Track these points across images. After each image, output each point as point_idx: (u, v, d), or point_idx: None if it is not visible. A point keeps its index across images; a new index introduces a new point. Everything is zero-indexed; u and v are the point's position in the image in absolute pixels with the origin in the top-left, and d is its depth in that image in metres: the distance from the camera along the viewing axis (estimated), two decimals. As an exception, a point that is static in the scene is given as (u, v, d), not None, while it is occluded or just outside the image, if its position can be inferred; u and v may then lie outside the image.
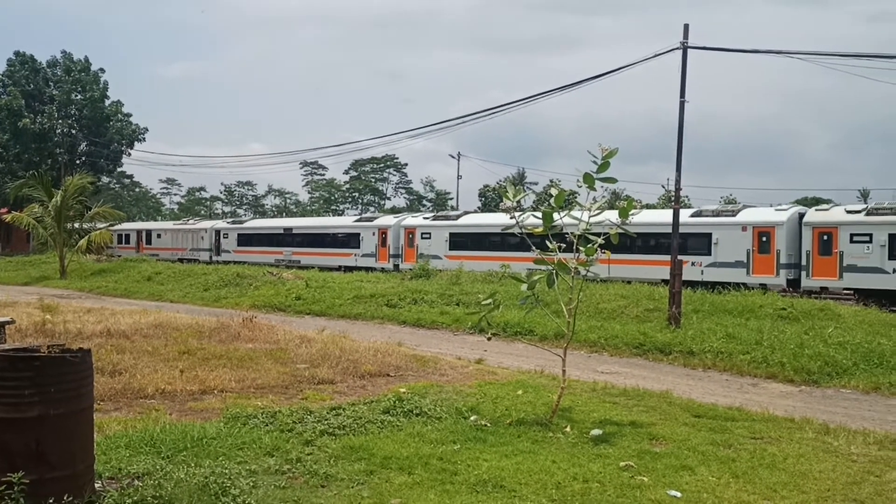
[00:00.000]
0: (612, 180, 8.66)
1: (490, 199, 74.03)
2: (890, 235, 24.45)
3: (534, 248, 8.92)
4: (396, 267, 38.41)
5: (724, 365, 13.26)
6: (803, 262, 26.41)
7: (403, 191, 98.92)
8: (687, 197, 63.86)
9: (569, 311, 8.98)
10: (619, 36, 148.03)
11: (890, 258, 24.43)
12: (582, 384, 10.77)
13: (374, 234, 40.51)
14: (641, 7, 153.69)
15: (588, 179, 8.48)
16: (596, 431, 7.74)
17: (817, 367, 12.47)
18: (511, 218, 8.85)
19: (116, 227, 49.48)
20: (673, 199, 19.56)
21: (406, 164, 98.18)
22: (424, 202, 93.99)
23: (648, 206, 42.35)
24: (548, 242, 8.62)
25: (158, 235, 56.67)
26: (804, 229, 26.52)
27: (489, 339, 9.74)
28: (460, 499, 5.72)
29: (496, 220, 37.90)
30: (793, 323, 16.36)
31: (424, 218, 40.71)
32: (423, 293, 22.53)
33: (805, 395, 11.23)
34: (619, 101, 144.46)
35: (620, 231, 8.67)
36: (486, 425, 7.96)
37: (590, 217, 8.59)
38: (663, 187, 65.12)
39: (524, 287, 8.63)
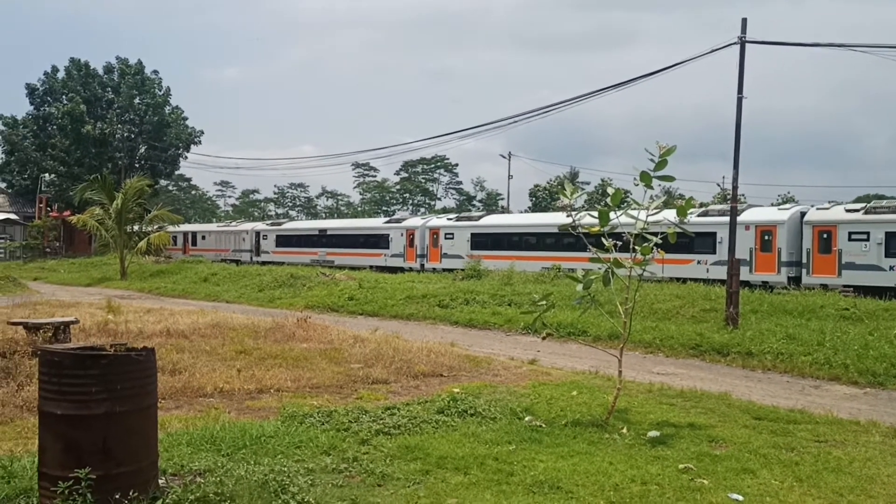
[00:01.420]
0: (669, 178, 8.53)
1: (541, 199, 73.61)
2: (887, 234, 25.10)
3: (590, 247, 8.84)
4: (422, 267, 39.48)
5: (784, 366, 12.95)
6: (804, 260, 26.93)
7: (454, 191, 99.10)
8: (743, 195, 62.57)
9: (625, 311, 8.87)
10: (668, 33, 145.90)
11: (886, 256, 25.04)
12: (637, 385, 10.62)
13: (402, 234, 41.58)
14: (690, 4, 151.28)
15: (645, 178, 8.36)
16: (653, 433, 7.63)
17: (883, 368, 12.09)
18: (567, 216, 8.77)
19: (164, 230, 50.81)
20: (729, 197, 19.19)
21: (456, 165, 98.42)
22: (475, 202, 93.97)
23: (703, 206, 41.81)
24: (604, 241, 8.52)
25: (203, 237, 58.25)
26: (805, 228, 27.09)
27: (544, 338, 9.69)
28: (517, 499, 5.69)
29: (515, 220, 40.64)
30: (856, 323, 15.90)
31: (448, 219, 41.78)
32: (475, 293, 22.50)
33: (870, 398, 10.90)
34: (670, 98, 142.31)
35: (679, 230, 8.53)
36: (541, 426, 7.90)
37: (647, 216, 8.46)
38: (718, 185, 64.06)
39: (579, 287, 8.54)
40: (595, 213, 8.51)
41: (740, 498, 5.83)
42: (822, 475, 6.45)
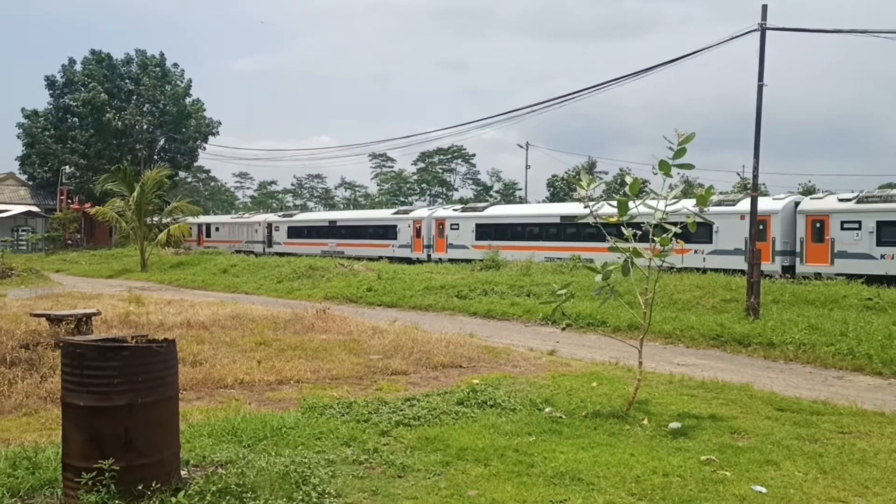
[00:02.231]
0: (688, 166, 8.43)
1: (559, 189, 73.35)
2: (878, 222, 25.55)
3: (609, 237, 8.78)
4: (429, 257, 40.22)
5: (806, 357, 12.83)
6: (797, 250, 27.45)
7: (471, 182, 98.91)
8: (763, 184, 62.14)
9: (644, 301, 8.81)
10: (687, 21, 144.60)
11: (878, 244, 25.52)
12: (658, 376, 10.56)
13: (409, 225, 42.26)
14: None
15: (664, 166, 8.27)
16: (674, 424, 7.58)
17: (908, 359, 11.93)
18: (585, 207, 8.71)
19: (180, 221, 51.40)
20: (749, 186, 19.00)
21: (474, 155, 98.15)
22: (492, 193, 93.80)
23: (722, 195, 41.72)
24: (623, 230, 8.45)
25: (217, 229, 58.96)
26: (798, 217, 27.57)
27: (563, 328, 9.62)
28: (538, 491, 5.67)
29: (519, 210, 41.45)
30: (880, 313, 15.72)
31: (454, 210, 42.46)
32: (494, 284, 22.47)
33: (895, 389, 10.77)
34: (690, 87, 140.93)
35: (700, 220, 8.45)
36: (561, 417, 7.88)
37: (666, 205, 8.38)
38: (738, 175, 63.63)
39: (599, 277, 8.48)
40: (613, 203, 8.44)
41: (763, 490, 5.78)
42: (847, 467, 6.38)
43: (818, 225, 27.02)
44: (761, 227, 27.86)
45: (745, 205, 29.15)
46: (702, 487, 5.81)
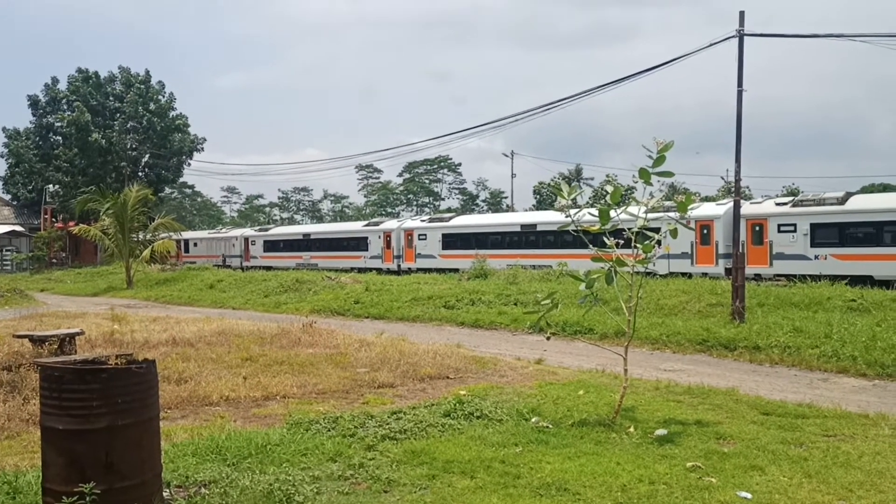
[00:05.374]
0: (668, 174, 8.50)
1: (545, 196, 73.52)
2: (811, 225, 26.86)
3: (590, 245, 8.80)
4: (399, 267, 41.04)
5: (791, 360, 12.89)
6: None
7: (458, 191, 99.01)
8: (748, 188, 62.55)
9: (628, 308, 8.83)
10: (670, 27, 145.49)
11: (811, 246, 26.83)
12: (644, 383, 10.57)
13: (379, 237, 43.08)
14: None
15: (644, 174, 8.33)
16: (661, 431, 7.59)
17: (891, 360, 11.99)
18: (566, 216, 8.73)
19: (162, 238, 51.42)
20: (733, 190, 19.13)
21: (460, 164, 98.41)
22: (478, 202, 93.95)
23: (707, 199, 41.99)
24: (605, 239, 8.48)
25: (195, 244, 59.35)
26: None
27: (548, 338, 9.63)
28: (524, 502, 5.65)
29: (482, 220, 43.16)
30: (863, 315, 15.82)
31: (422, 220, 43.60)
32: (481, 294, 22.47)
33: (879, 390, 10.82)
34: (674, 91, 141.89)
35: (682, 224, 8.51)
36: (547, 427, 7.86)
37: (646, 212, 8.43)
38: (722, 178, 64.12)
39: (583, 286, 8.50)
40: (594, 212, 8.48)
41: (749, 496, 5.79)
42: (831, 470, 6.39)
43: (757, 228, 28.06)
44: (705, 231, 29.18)
45: (691, 212, 30.11)
46: (687, 495, 5.81)
